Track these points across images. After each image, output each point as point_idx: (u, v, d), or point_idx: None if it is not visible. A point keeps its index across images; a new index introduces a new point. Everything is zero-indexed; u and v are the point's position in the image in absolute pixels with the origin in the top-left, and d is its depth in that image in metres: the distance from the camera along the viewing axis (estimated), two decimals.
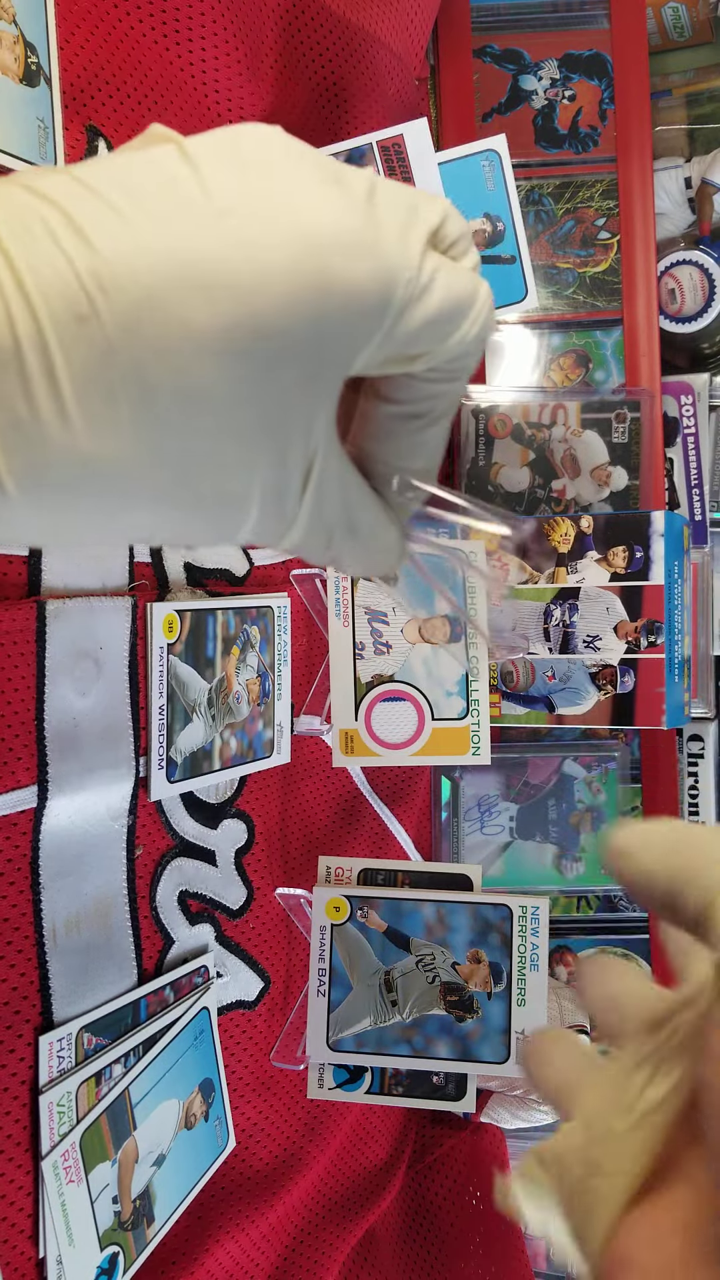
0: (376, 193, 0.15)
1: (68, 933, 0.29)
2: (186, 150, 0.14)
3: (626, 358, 0.52)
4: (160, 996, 0.32)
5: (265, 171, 0.14)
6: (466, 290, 0.16)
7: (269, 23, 0.38)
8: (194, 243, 0.13)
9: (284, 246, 0.14)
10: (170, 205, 0.14)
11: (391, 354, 0.16)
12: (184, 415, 0.14)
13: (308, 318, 0.14)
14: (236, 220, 0.14)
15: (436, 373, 0.17)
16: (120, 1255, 0.29)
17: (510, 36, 0.53)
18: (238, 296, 0.14)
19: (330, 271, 0.14)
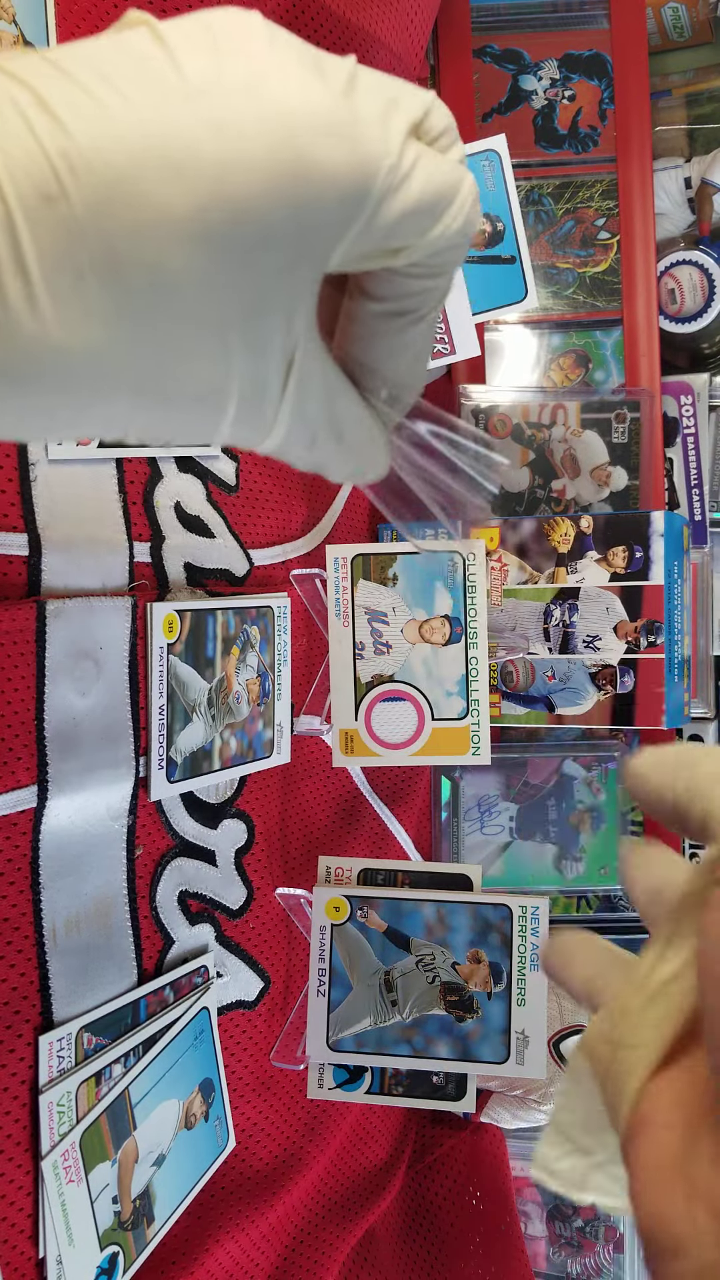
0: (358, 80, 0.15)
1: (68, 933, 0.29)
2: (160, 32, 0.14)
3: (626, 358, 0.52)
4: (160, 996, 0.32)
5: (241, 53, 0.14)
6: (449, 181, 0.16)
7: None
8: (166, 123, 0.13)
9: (259, 128, 0.14)
10: (143, 85, 0.13)
11: (372, 247, 0.15)
12: (156, 301, 0.14)
13: (284, 203, 0.14)
14: (210, 100, 0.13)
15: (419, 268, 0.16)
16: (120, 1255, 0.29)
17: (510, 36, 0.53)
18: (211, 177, 0.13)
19: (307, 156, 0.14)
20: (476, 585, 0.42)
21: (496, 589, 0.46)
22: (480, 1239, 0.44)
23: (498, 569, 0.46)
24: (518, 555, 0.46)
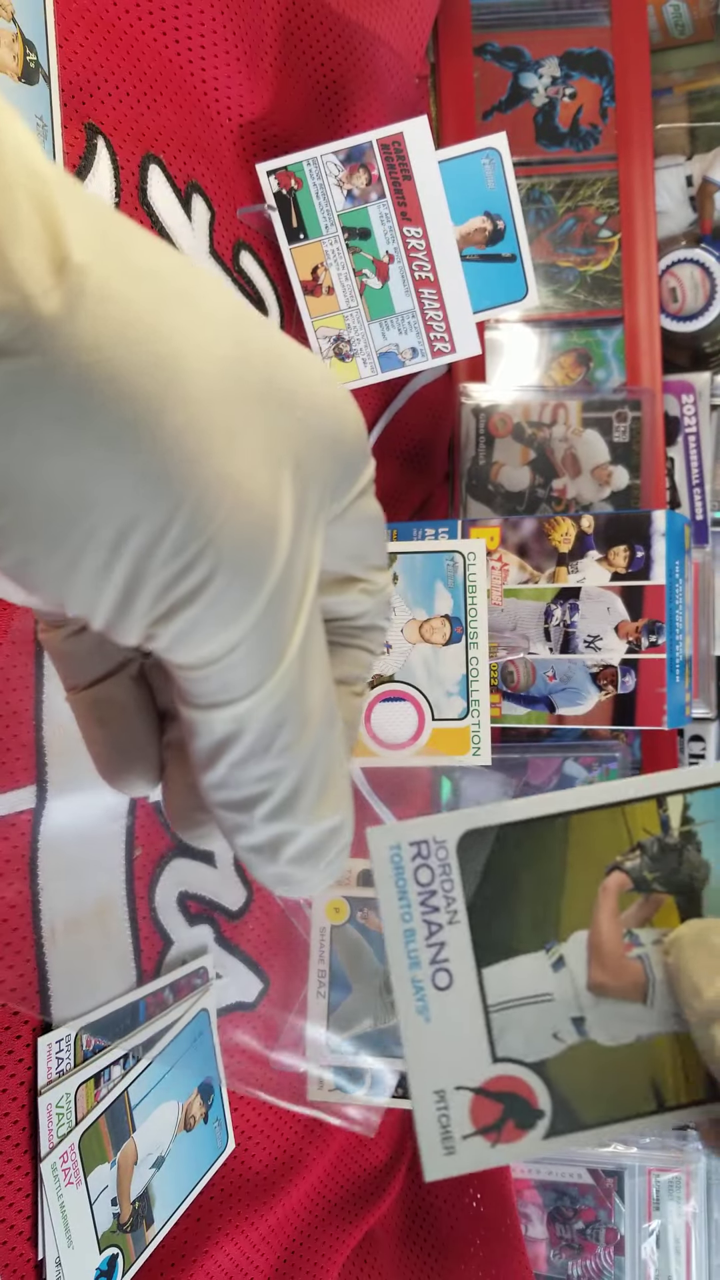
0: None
1: (67, 933, 0.29)
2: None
3: (627, 356, 0.52)
4: (159, 998, 0.32)
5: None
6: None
7: (268, 21, 0.38)
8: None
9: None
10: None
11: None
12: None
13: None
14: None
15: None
16: (119, 1257, 0.29)
17: (511, 34, 0.53)
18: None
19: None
20: (477, 585, 0.41)
21: (497, 589, 0.46)
22: (480, 1241, 0.44)
23: (498, 569, 0.46)
24: (518, 555, 0.46)
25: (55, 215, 0.11)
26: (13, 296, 0.10)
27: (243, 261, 0.39)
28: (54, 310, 0.11)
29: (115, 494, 0.12)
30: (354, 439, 0.15)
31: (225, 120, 0.38)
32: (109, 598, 0.12)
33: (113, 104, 0.32)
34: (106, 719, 0.17)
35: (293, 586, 0.13)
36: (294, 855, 0.15)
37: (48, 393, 0.11)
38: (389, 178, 0.39)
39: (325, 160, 0.39)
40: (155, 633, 0.13)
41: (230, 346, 0.13)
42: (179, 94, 0.36)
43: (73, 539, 0.12)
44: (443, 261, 0.40)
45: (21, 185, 0.11)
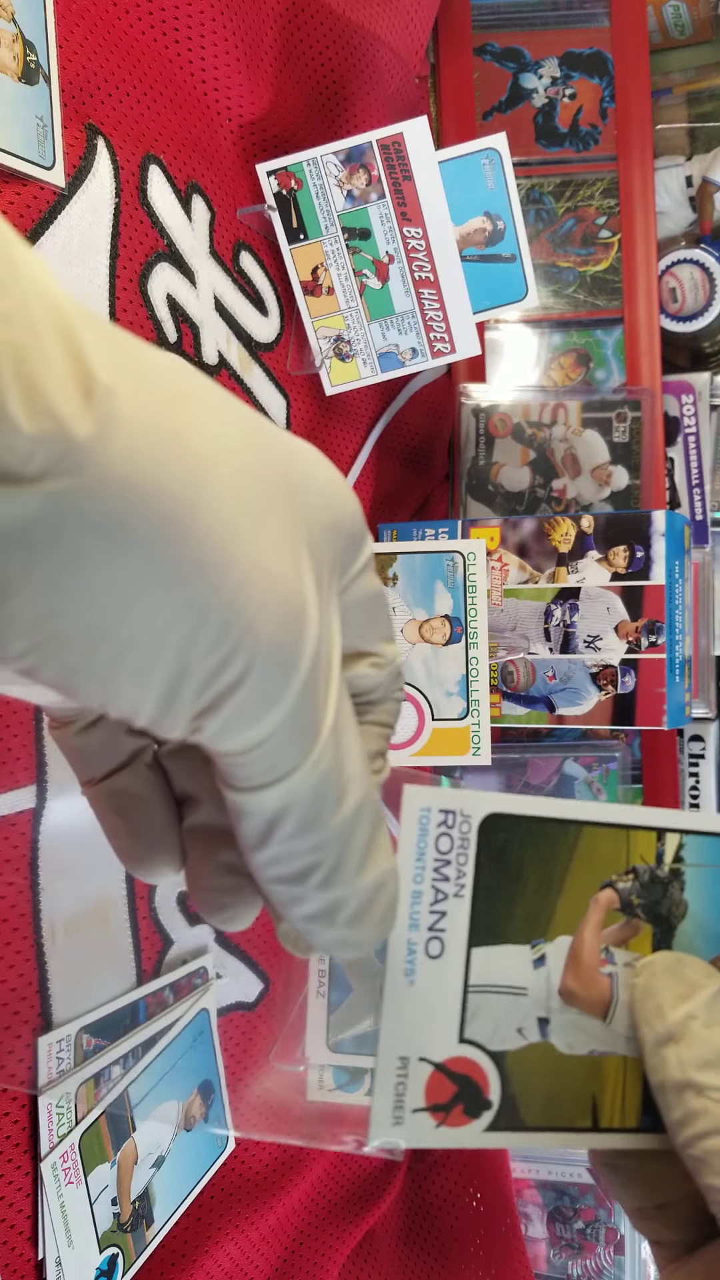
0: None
1: (67, 933, 0.29)
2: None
3: (627, 357, 0.52)
4: (159, 998, 0.32)
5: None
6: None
7: (268, 21, 0.38)
8: None
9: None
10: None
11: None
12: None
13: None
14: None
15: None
16: (120, 1257, 0.29)
17: (510, 34, 0.53)
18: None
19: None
20: (477, 585, 0.41)
21: (497, 589, 0.46)
22: (480, 1241, 0.44)
23: (498, 569, 0.46)
24: (518, 555, 0.46)
25: (78, 341, 0.12)
26: (49, 423, 0.11)
27: (243, 262, 0.39)
28: (87, 431, 0.11)
29: (154, 595, 0.12)
30: (354, 519, 0.16)
31: (225, 120, 0.38)
32: (153, 697, 0.13)
33: (113, 104, 0.32)
34: (125, 809, 0.17)
35: (322, 660, 0.14)
36: (348, 917, 0.15)
37: (87, 508, 0.11)
38: (389, 178, 0.39)
39: (325, 160, 0.39)
40: (201, 724, 0.13)
41: (243, 443, 0.14)
42: (179, 94, 0.36)
43: (115, 644, 0.12)
44: (443, 262, 0.40)
45: (45, 317, 0.11)
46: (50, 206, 0.30)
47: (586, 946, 0.19)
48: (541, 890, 0.19)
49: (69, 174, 0.30)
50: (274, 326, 0.41)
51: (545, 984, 0.19)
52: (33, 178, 0.29)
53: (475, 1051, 0.18)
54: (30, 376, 0.11)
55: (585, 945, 0.19)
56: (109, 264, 0.32)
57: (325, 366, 0.41)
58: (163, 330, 0.34)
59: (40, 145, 0.29)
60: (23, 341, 0.11)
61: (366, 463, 0.47)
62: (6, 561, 0.11)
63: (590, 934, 0.19)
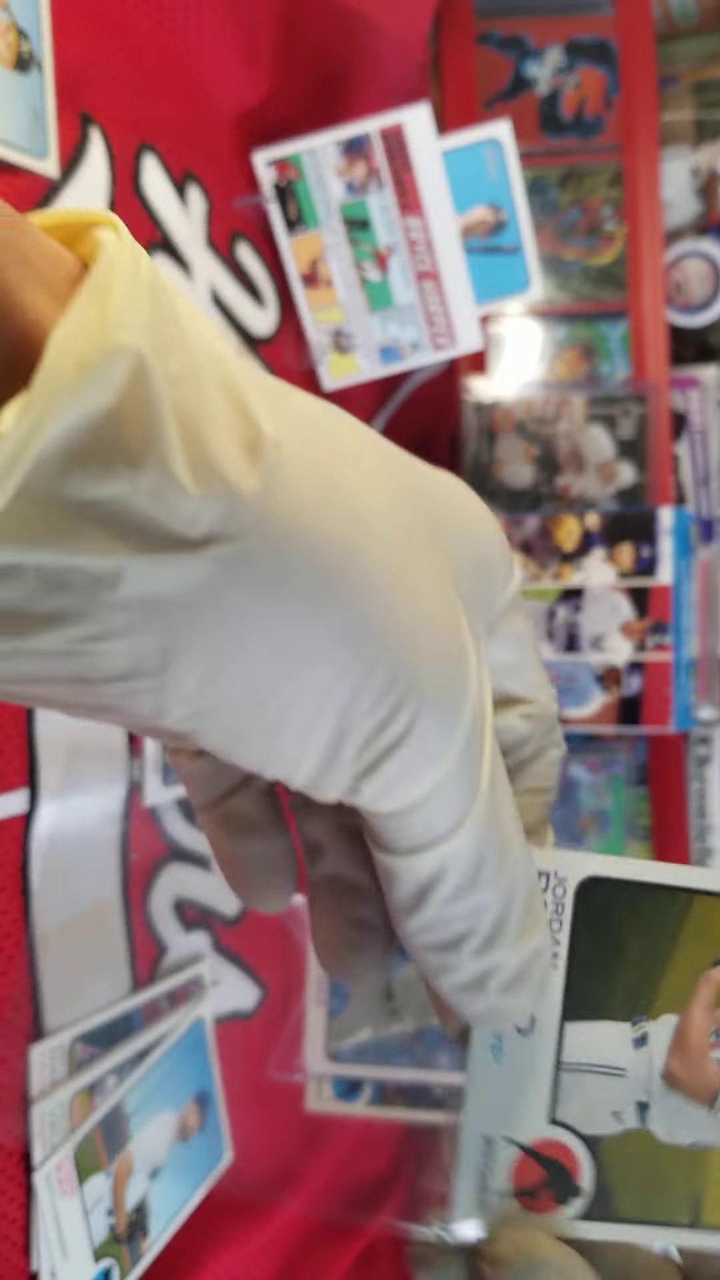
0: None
1: (61, 940, 0.29)
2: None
3: (633, 351, 0.51)
4: (155, 1006, 0.32)
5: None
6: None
7: (266, 6, 0.38)
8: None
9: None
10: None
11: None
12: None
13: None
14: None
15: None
16: (115, 1269, 0.29)
17: (513, 22, 0.52)
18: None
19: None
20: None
21: None
22: None
23: None
24: (522, 553, 0.45)
25: (242, 395, 0.11)
26: (217, 484, 0.11)
27: (240, 253, 0.39)
28: (254, 488, 0.11)
29: (318, 651, 0.12)
30: (501, 553, 0.15)
31: (222, 109, 0.38)
32: (314, 756, 0.12)
33: (107, 93, 0.32)
34: (238, 833, 0.16)
35: (480, 711, 0.13)
36: (501, 985, 0.15)
37: (252, 566, 0.11)
38: (389, 168, 0.38)
39: (324, 150, 0.38)
40: (361, 785, 0.13)
41: (392, 485, 0.13)
42: (175, 82, 0.35)
43: (277, 704, 0.12)
44: (444, 253, 0.39)
45: (212, 374, 0.11)
46: (43, 197, 0.29)
47: (695, 1028, 0.17)
48: (645, 963, 0.17)
49: (63, 164, 0.30)
50: (271, 319, 0.40)
51: (646, 1066, 0.17)
52: (26, 167, 0.28)
53: (566, 1134, 0.17)
54: (198, 437, 0.11)
55: (694, 1026, 0.17)
56: None
57: (324, 360, 0.41)
58: None
59: (33, 134, 0.29)
60: (191, 403, 0.11)
61: None
62: (169, 628, 0.11)
63: (700, 1014, 0.17)
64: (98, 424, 0.10)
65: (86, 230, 0.12)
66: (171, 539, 0.10)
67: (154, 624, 0.11)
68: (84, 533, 0.10)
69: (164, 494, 0.10)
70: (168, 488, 0.10)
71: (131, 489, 0.10)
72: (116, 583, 0.10)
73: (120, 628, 0.11)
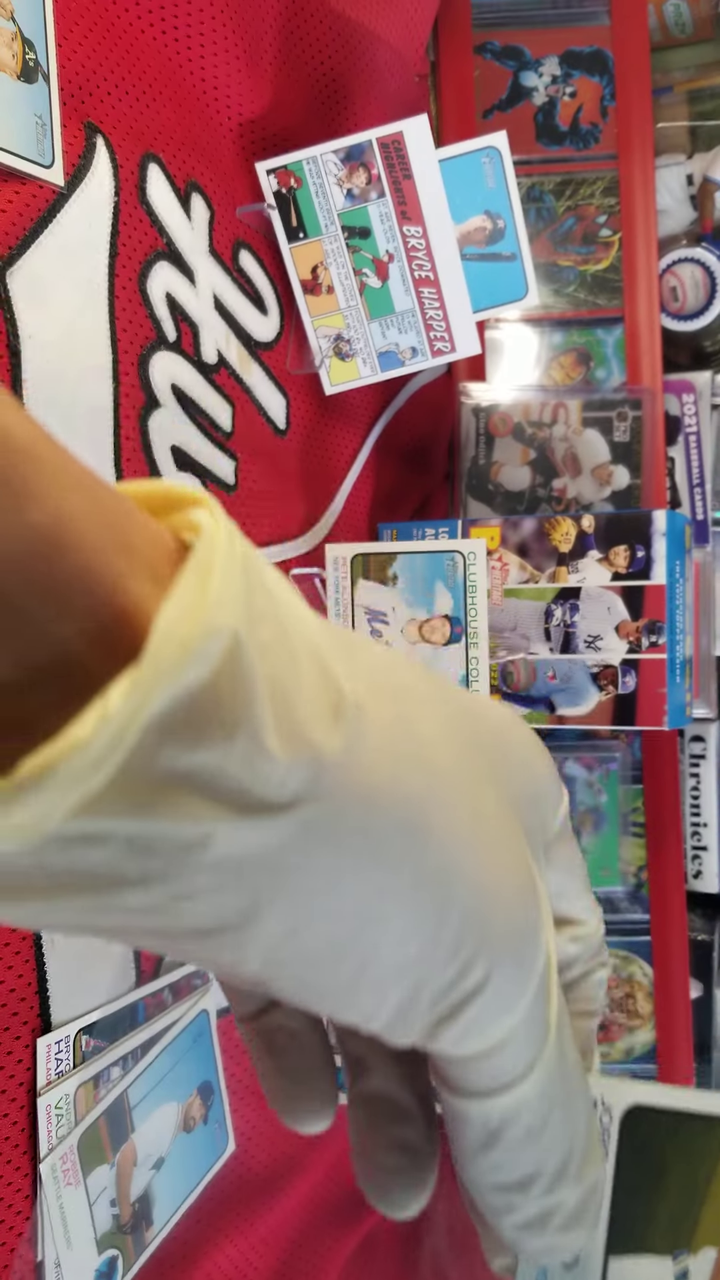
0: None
1: (66, 934, 0.29)
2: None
3: (628, 356, 0.52)
4: (159, 999, 0.32)
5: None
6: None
7: (268, 19, 0.38)
8: None
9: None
10: None
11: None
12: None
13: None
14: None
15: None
16: (119, 1259, 0.29)
17: (511, 33, 0.53)
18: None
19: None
20: (477, 585, 0.41)
21: (497, 589, 0.46)
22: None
23: (498, 568, 0.46)
24: (518, 554, 0.46)
25: (326, 660, 0.12)
26: (305, 749, 0.11)
27: (242, 261, 0.39)
28: (337, 750, 0.11)
29: (396, 906, 0.12)
30: (554, 784, 0.15)
31: (225, 119, 0.38)
32: (390, 1007, 0.12)
33: (112, 102, 0.32)
34: (278, 1047, 0.16)
35: (549, 958, 0.13)
36: (562, 1223, 0.15)
37: (335, 825, 0.11)
38: (389, 177, 0.39)
39: (325, 159, 0.39)
40: (436, 1033, 0.13)
41: (459, 730, 0.13)
42: (178, 92, 0.36)
43: (355, 958, 0.12)
44: (443, 261, 0.40)
45: (300, 642, 0.11)
46: (49, 206, 0.30)
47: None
48: (685, 1193, 0.17)
49: (68, 173, 0.30)
50: (273, 325, 0.41)
51: None
52: (32, 176, 0.29)
53: None
54: (287, 705, 0.11)
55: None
56: (108, 263, 0.32)
57: (325, 365, 0.41)
58: (162, 329, 0.34)
59: (39, 144, 0.29)
60: (280, 670, 0.11)
61: (366, 462, 0.47)
62: (254, 888, 0.11)
63: None
64: (195, 699, 0.10)
65: (179, 504, 0.12)
66: (260, 804, 0.11)
67: (239, 884, 0.11)
68: (175, 801, 0.10)
69: (254, 761, 0.10)
70: (258, 755, 0.10)
71: (224, 759, 0.10)
72: (205, 847, 0.10)
73: (206, 887, 0.11)
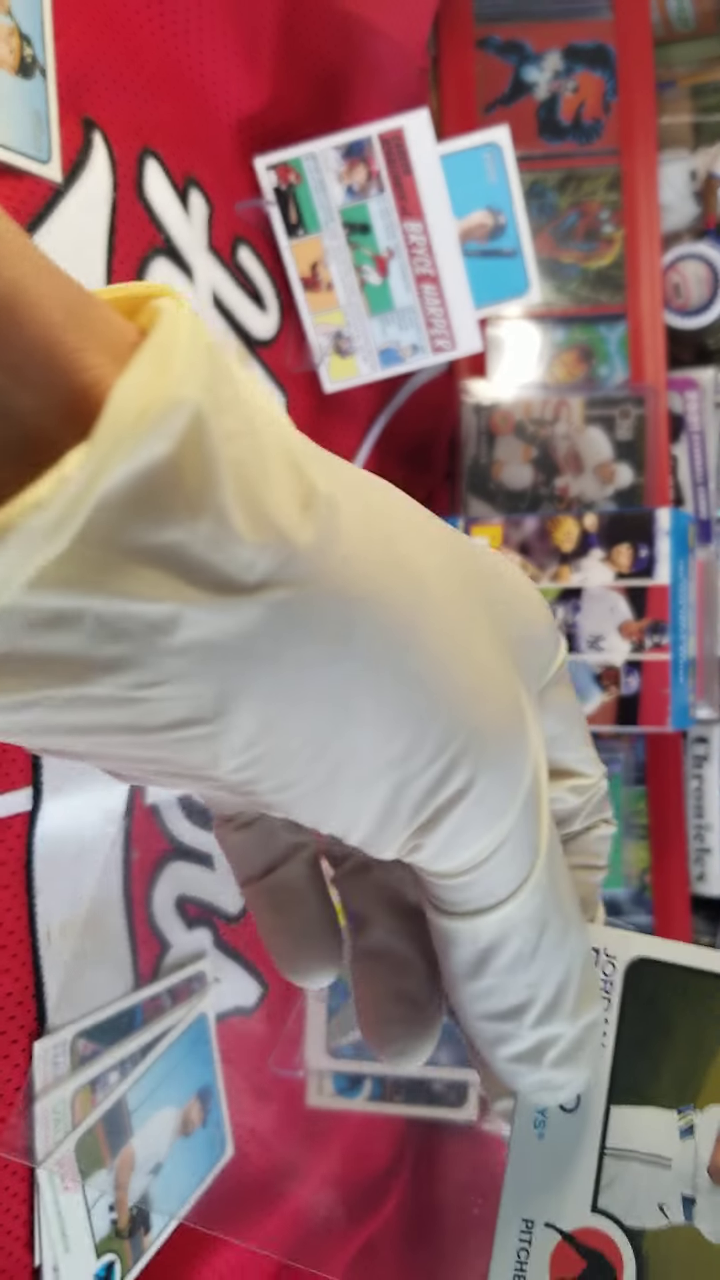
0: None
1: (63, 937, 0.29)
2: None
3: (631, 353, 0.52)
4: (157, 1002, 0.32)
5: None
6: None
7: (267, 13, 0.38)
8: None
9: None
10: None
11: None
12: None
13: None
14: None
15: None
16: (117, 1263, 0.29)
17: (512, 27, 0.52)
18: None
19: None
20: None
21: None
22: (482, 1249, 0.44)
23: None
24: (520, 554, 0.46)
25: (298, 456, 0.12)
26: (272, 533, 0.11)
27: (241, 257, 0.39)
28: (309, 540, 0.11)
29: (376, 704, 0.12)
30: (549, 629, 0.15)
31: (224, 114, 0.38)
32: (371, 811, 0.12)
33: (110, 98, 0.32)
34: (282, 906, 0.16)
35: (538, 775, 0.13)
36: (557, 1058, 0.15)
37: (309, 617, 0.11)
38: (389, 172, 0.39)
39: (325, 154, 0.38)
40: (420, 842, 0.13)
41: (449, 555, 0.13)
42: (177, 87, 0.35)
43: (334, 756, 0.12)
44: (443, 257, 0.40)
45: (269, 433, 0.11)
46: (46, 201, 0.29)
47: None
48: (692, 1051, 0.17)
49: (65, 168, 0.30)
50: (272, 322, 0.40)
51: (693, 1158, 0.16)
52: (29, 172, 0.29)
53: (609, 1225, 0.16)
54: (254, 490, 0.11)
55: None
56: (105, 259, 0.31)
57: (324, 363, 0.41)
58: None
59: (36, 139, 0.29)
60: (247, 459, 0.11)
61: (366, 460, 0.47)
62: (225, 675, 0.11)
63: None
64: (157, 472, 0.10)
65: (145, 302, 0.12)
66: (227, 584, 0.11)
67: (210, 670, 0.11)
68: (142, 578, 0.10)
69: (221, 541, 0.10)
70: (224, 535, 0.10)
71: (189, 536, 0.10)
72: (173, 628, 0.10)
73: (176, 673, 0.11)
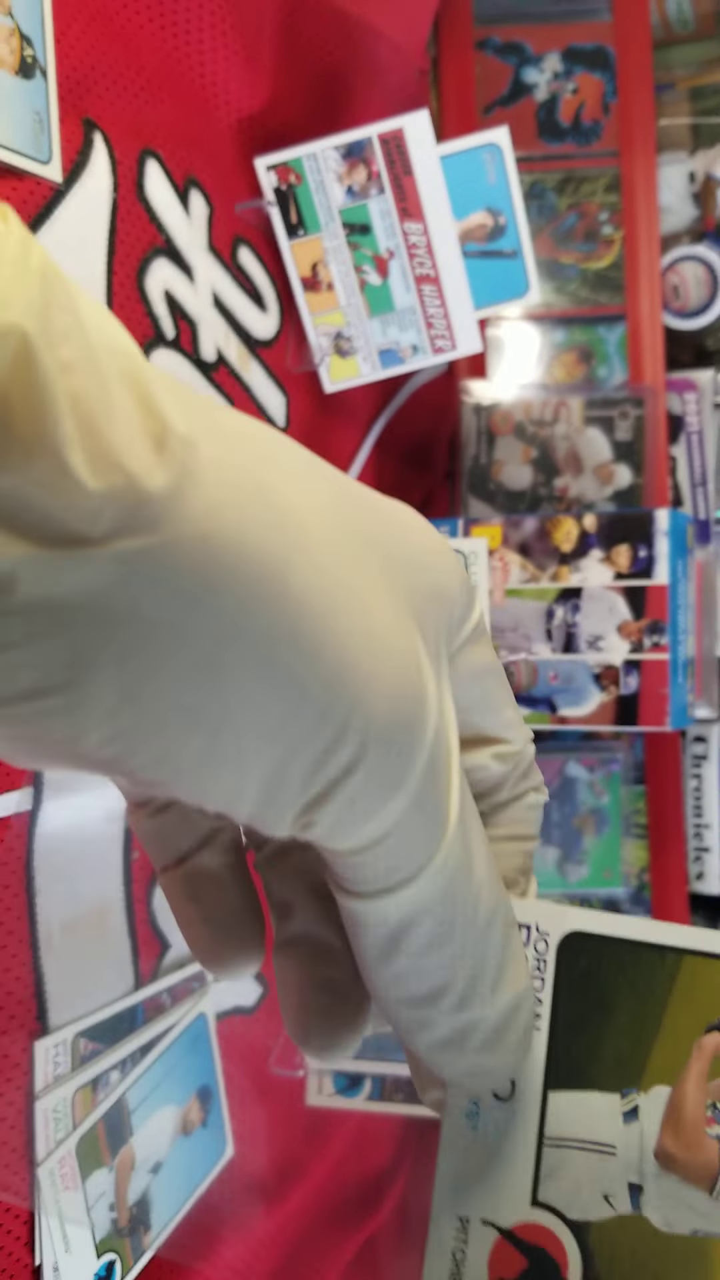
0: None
1: (64, 936, 0.29)
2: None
3: (630, 354, 0.52)
4: (157, 1002, 0.32)
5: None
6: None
7: (267, 14, 0.38)
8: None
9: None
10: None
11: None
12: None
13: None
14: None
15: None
16: (117, 1262, 0.29)
17: (512, 29, 0.52)
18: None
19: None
20: (478, 585, 0.41)
21: (498, 588, 0.46)
22: None
23: (499, 568, 0.46)
24: (520, 554, 0.46)
25: (149, 391, 0.10)
26: (118, 477, 0.10)
27: (241, 258, 0.39)
28: (161, 484, 0.10)
29: (246, 667, 0.11)
30: (458, 582, 0.14)
31: (224, 114, 0.38)
32: (255, 785, 0.11)
33: (110, 98, 0.32)
34: (200, 894, 0.15)
35: (442, 741, 0.12)
36: (482, 1042, 0.14)
37: (166, 570, 0.10)
38: (389, 173, 0.39)
39: (325, 155, 0.39)
40: (312, 819, 0.12)
41: (333, 502, 0.12)
42: (177, 88, 0.35)
43: (208, 726, 0.11)
44: (443, 258, 0.40)
45: (113, 366, 0.10)
46: (47, 202, 0.29)
47: (689, 1101, 0.15)
48: (634, 1029, 0.16)
49: (66, 169, 0.30)
50: (273, 323, 0.40)
51: (638, 1143, 0.15)
52: (29, 172, 0.29)
53: (551, 1219, 0.15)
54: (95, 428, 0.10)
55: (688, 1100, 0.15)
56: (106, 259, 0.31)
57: (325, 363, 0.41)
58: (160, 327, 0.34)
59: (37, 140, 0.29)
60: (87, 392, 0.10)
61: (366, 461, 0.47)
62: (78, 636, 0.10)
63: (694, 1087, 0.15)
64: None
65: None
66: (70, 536, 0.10)
67: (58, 632, 0.10)
68: None
69: (59, 486, 0.09)
70: (63, 479, 0.09)
71: (22, 480, 0.09)
72: (11, 586, 0.09)
73: (19, 637, 0.10)
